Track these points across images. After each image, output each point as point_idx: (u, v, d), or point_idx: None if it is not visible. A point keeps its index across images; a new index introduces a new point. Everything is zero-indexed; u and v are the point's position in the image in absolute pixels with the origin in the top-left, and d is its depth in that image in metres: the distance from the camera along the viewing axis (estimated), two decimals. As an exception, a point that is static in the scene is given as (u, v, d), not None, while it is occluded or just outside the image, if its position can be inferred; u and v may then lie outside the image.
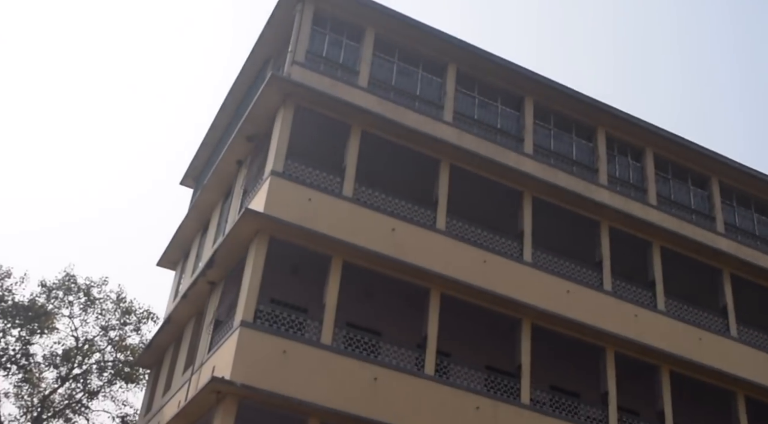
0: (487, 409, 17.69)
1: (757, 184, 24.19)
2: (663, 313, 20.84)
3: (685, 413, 21.20)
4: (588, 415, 19.25)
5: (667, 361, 20.27)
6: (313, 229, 17.43)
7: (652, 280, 21.26)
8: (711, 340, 21.09)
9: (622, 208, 21.37)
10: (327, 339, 16.82)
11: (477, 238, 19.54)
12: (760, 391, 21.06)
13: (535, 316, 19.17)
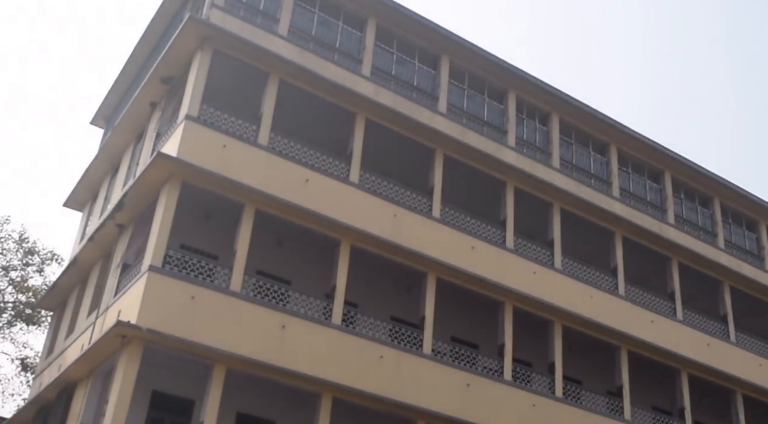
0: (390, 358, 17.73)
1: (651, 152, 24.83)
2: (559, 271, 21.29)
3: (574, 365, 21.91)
4: (485, 365, 19.59)
5: (560, 316, 20.78)
6: (226, 176, 16.84)
7: (551, 239, 21.65)
8: (601, 298, 21.72)
9: (527, 170, 21.56)
10: (236, 286, 16.41)
11: (388, 192, 19.36)
12: (642, 346, 21.91)
13: (440, 270, 19.24)
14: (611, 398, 21.25)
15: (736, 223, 26.60)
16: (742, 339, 24.49)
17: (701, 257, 24.22)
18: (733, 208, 26.51)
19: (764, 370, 24.26)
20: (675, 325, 22.95)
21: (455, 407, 18.10)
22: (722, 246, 25.32)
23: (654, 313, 22.63)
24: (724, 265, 24.66)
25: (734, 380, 23.46)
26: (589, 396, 20.95)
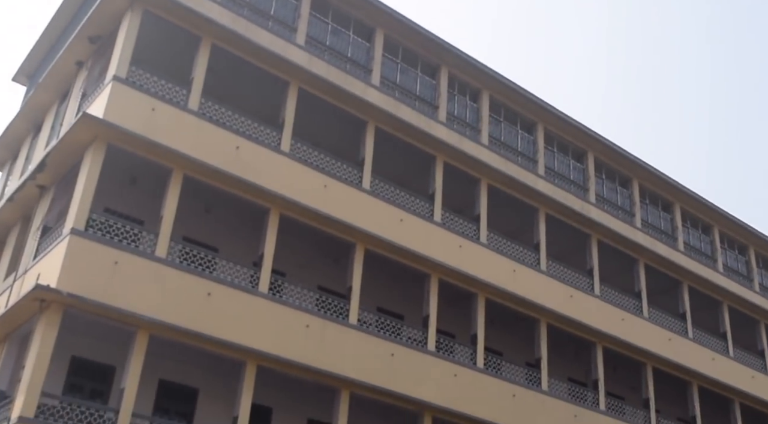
0: (316, 327, 17.55)
1: (575, 133, 25.13)
2: (484, 245, 21.43)
3: (496, 337, 22.19)
4: (410, 336, 19.62)
5: (483, 289, 20.96)
6: (154, 139, 16.24)
7: (477, 214, 21.75)
8: (524, 272, 21.98)
9: (457, 146, 21.54)
10: (162, 252, 15.91)
11: (319, 162, 19.05)
12: (560, 320, 22.32)
13: (369, 241, 19.11)
14: (530, 369, 21.61)
15: (652, 203, 27.27)
16: (654, 315, 25.21)
17: (619, 235, 24.76)
18: (650, 190, 27.14)
19: (673, 344, 25.05)
20: (592, 300, 23.44)
21: (379, 377, 18.08)
22: (639, 225, 25.92)
23: (573, 288, 23.06)
24: (640, 243, 25.28)
25: (645, 354, 24.16)
26: (509, 367, 21.26)
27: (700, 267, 27.06)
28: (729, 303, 27.90)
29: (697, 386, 25.58)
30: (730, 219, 28.99)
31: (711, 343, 26.60)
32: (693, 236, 28.10)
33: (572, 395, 22.34)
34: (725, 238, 29.29)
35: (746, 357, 27.65)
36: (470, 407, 19.43)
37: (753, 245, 29.98)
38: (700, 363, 25.57)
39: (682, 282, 26.66)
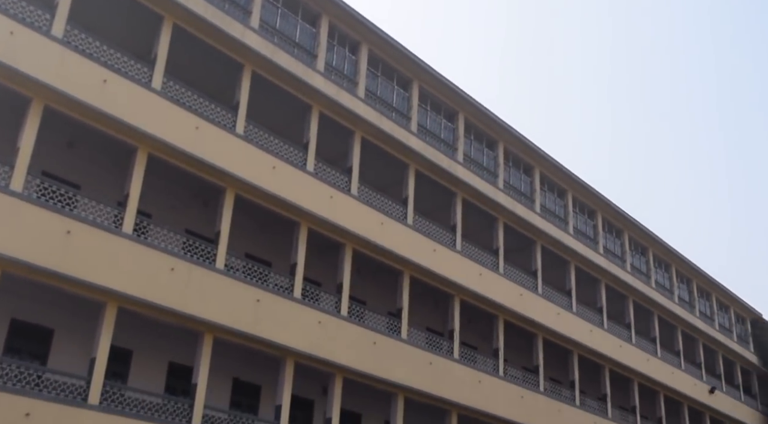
0: (182, 271, 16.89)
1: (448, 93, 25.26)
2: (355, 197, 21.30)
3: (361, 287, 22.30)
4: (277, 283, 19.31)
5: (351, 240, 20.90)
6: (12, 65, 14.84)
7: (349, 166, 21.55)
8: (391, 225, 22.08)
9: (333, 97, 21.13)
10: (17, 186, 14.70)
11: (192, 103, 18.13)
12: (423, 272, 22.69)
13: (239, 186, 18.51)
14: (391, 318, 21.88)
15: (515, 167, 28.04)
16: (509, 271, 26.12)
17: (482, 194, 25.32)
18: (514, 153, 27.86)
19: (524, 299, 26.09)
20: (454, 255, 23.93)
21: (244, 322, 17.72)
22: (501, 186, 26.60)
23: (437, 243, 23.42)
24: (501, 203, 25.98)
25: (498, 307, 25.05)
26: (372, 316, 21.42)
27: (553, 228, 28.20)
28: (576, 263, 29.33)
29: (542, 338, 26.87)
30: (583, 185, 30.31)
31: (557, 299, 27.92)
32: (549, 199, 29.20)
33: (429, 343, 22.86)
34: (577, 202, 30.62)
35: (587, 313, 29.26)
36: (332, 353, 19.46)
37: (601, 210, 31.54)
38: (546, 317, 26.82)
39: (536, 241, 27.73)
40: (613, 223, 32.32)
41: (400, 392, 21.26)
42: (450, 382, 22.61)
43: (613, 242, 32.22)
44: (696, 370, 35.04)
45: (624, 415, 30.19)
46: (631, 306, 31.84)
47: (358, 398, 21.74)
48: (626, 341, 30.71)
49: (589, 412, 28.01)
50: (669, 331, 34.20)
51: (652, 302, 32.74)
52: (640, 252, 33.93)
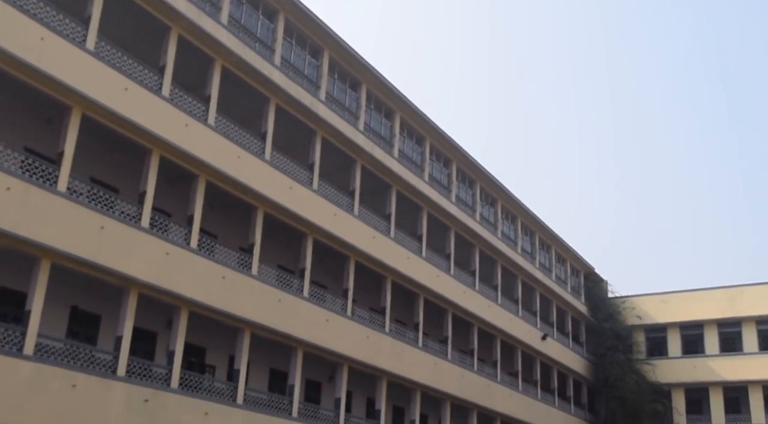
0: (18, 191, 15.97)
1: (315, 29, 25.03)
2: (212, 127, 20.85)
3: (213, 220, 22.05)
4: (124, 211, 18.69)
5: (205, 171, 20.53)
6: None
7: (208, 95, 21.02)
8: (248, 159, 21.84)
9: (195, 20, 20.36)
10: None
11: (38, 11, 16.90)
12: (278, 209, 22.73)
13: (87, 106, 17.61)
14: (243, 254, 21.81)
15: (377, 110, 28.36)
16: (364, 213, 26.63)
17: (342, 135, 25.50)
18: (376, 96, 28.14)
19: (376, 241, 26.75)
20: (310, 194, 24.08)
21: (86, 249, 17.09)
22: (362, 128, 26.88)
23: (293, 180, 23.45)
24: (360, 145, 26.29)
25: (351, 248, 25.57)
26: (222, 250, 21.26)
27: (409, 174, 28.92)
28: (429, 210, 30.33)
29: (391, 280, 27.77)
30: (440, 133, 31.17)
31: (408, 244, 28.85)
32: (407, 145, 29.85)
33: (280, 281, 23.04)
34: (434, 150, 31.49)
35: (435, 258, 30.47)
36: (179, 285, 19.22)
37: (456, 160, 32.63)
38: (396, 260, 27.68)
39: (392, 186, 28.37)
40: (466, 173, 33.56)
41: (247, 327, 21.38)
42: (298, 319, 22.98)
43: (465, 191, 33.51)
44: (532, 317, 37.49)
45: (463, 357, 31.94)
46: (478, 254, 33.44)
47: (203, 332, 21.68)
48: (470, 287, 32.32)
49: (431, 353, 29.40)
50: (510, 280, 36.28)
51: (497, 251, 34.53)
52: (490, 203, 35.53)
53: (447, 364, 30.19)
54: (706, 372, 41.48)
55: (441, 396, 29.87)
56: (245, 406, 21.00)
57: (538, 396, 36.86)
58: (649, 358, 43.14)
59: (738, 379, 40.50)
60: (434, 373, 29.13)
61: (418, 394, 28.44)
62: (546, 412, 36.94)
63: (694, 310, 42.61)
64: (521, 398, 35.06)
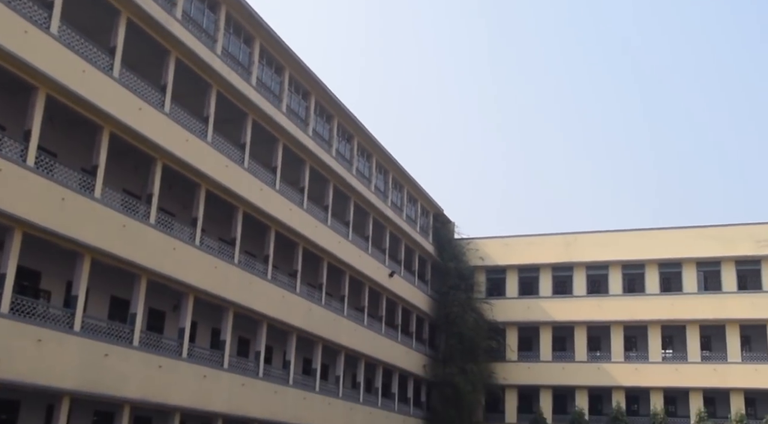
0: None
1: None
2: (54, 37, 19.43)
3: (53, 137, 20.87)
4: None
5: (46, 83, 19.20)
6: None
7: (51, 0, 19.49)
8: (94, 75, 20.62)
9: None
10: None
11: None
12: (125, 130, 21.78)
13: None
14: (85, 175, 20.77)
15: (236, 34, 27.46)
16: (217, 141, 26.01)
17: (198, 57, 24.58)
18: (236, 19, 27.22)
19: (229, 171, 26.27)
20: (160, 116, 23.17)
21: None
22: (219, 52, 25.99)
23: (144, 101, 22.45)
24: (216, 70, 25.47)
25: (202, 176, 24.98)
26: (63, 170, 20.15)
27: (266, 104, 28.43)
28: (285, 142, 30.05)
29: (243, 211, 27.46)
30: (301, 65, 30.75)
31: (262, 175, 28.55)
32: (266, 74, 29.24)
33: (125, 206, 22.21)
34: (293, 82, 31.07)
35: (289, 191, 30.37)
36: (12, 205, 18.09)
37: (315, 93, 32.37)
38: (249, 191, 27.37)
39: (248, 115, 27.81)
40: (325, 107, 33.43)
41: (87, 252, 20.53)
42: (143, 247, 22.33)
43: (322, 126, 33.42)
44: (380, 255, 38.44)
45: (311, 291, 32.35)
46: (331, 190, 33.65)
47: (39, 256, 20.63)
48: (322, 222, 32.57)
49: (279, 286, 29.54)
50: (362, 217, 36.88)
51: (350, 187, 34.90)
52: (346, 139, 35.69)
53: (295, 297, 30.48)
54: (538, 312, 44.43)
55: (287, 328, 30.22)
56: (83, 333, 20.31)
57: (383, 331, 38.11)
58: (488, 297, 45.56)
59: (566, 319, 43.69)
60: (282, 305, 29.35)
61: (264, 326, 28.60)
62: (389, 346, 38.33)
63: (532, 254, 45.26)
64: (366, 333, 36.12)
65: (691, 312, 41.46)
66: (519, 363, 44.21)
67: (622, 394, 41.82)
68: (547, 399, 43.18)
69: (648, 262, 42.96)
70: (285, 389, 29.56)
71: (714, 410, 40.64)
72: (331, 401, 32.76)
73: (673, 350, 42.97)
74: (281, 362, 31.68)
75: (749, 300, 40.81)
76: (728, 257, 41.57)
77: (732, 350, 40.63)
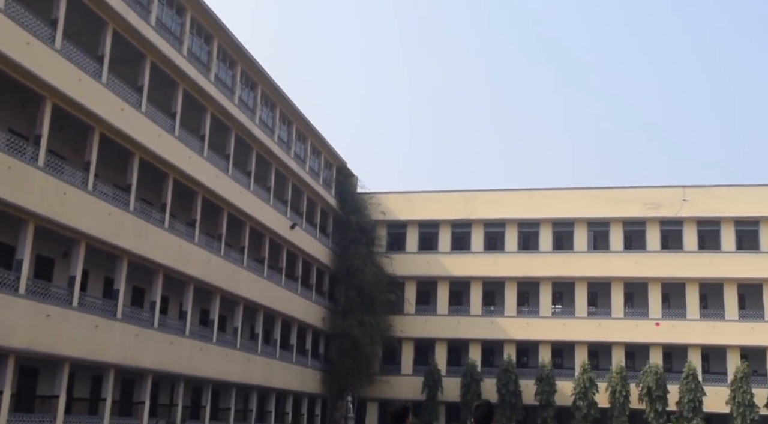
0: None
1: None
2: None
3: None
4: None
5: None
6: None
7: None
8: None
9: None
10: None
11: None
12: (9, 65, 20.36)
13: None
14: (-35, 111, 19.39)
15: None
16: (113, 83, 24.75)
17: (94, -7, 23.20)
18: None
19: (125, 114, 25.12)
20: (51, 53, 21.78)
21: None
22: (116, -12, 24.56)
23: (33, 36, 21.02)
24: (112, 6, 24.08)
25: (95, 118, 23.79)
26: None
27: (166, 46, 27.21)
28: (185, 87, 28.95)
29: (139, 157, 26.39)
30: (203, 6, 29.55)
31: (161, 120, 27.46)
32: (166, 14, 27.93)
33: (10, 146, 20.87)
34: (195, 24, 29.85)
35: (189, 138, 29.39)
36: None
37: (218, 37, 31.27)
38: (146, 136, 26.29)
39: (146, 56, 26.57)
40: (228, 53, 32.37)
41: (-32, 194, 19.27)
42: (30, 190, 21.14)
43: (225, 72, 32.39)
44: (282, 206, 37.98)
45: (210, 241, 31.65)
46: (233, 139, 32.81)
47: None
48: (223, 171, 31.78)
49: (177, 235, 28.73)
50: (264, 167, 36.22)
51: (253, 136, 34.13)
52: (250, 87, 34.77)
53: (193, 247, 29.76)
54: (436, 267, 45.20)
55: (185, 279, 29.53)
56: (-37, 280, 19.15)
57: (282, 283, 37.88)
58: (389, 252, 45.96)
59: (463, 275, 44.65)
60: (179, 255, 28.60)
61: (160, 275, 27.82)
62: (289, 298, 38.17)
63: (432, 210, 45.83)
64: (265, 284, 35.79)
65: (580, 270, 43.15)
66: (416, 316, 45.00)
67: (513, 347, 43.30)
68: (442, 352, 44.24)
69: (542, 221, 44.29)
70: (181, 339, 29.00)
71: (597, 363, 42.68)
72: (229, 353, 32.43)
73: (562, 306, 44.70)
74: (178, 312, 31.03)
75: (633, 259, 42.80)
76: (617, 218, 43.34)
77: (616, 306, 42.64)
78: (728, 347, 40.87)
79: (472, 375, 41.73)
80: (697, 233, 42.65)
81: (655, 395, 38.84)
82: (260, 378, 35.10)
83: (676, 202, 42.71)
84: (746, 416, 37.82)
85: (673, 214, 42.65)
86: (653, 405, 38.87)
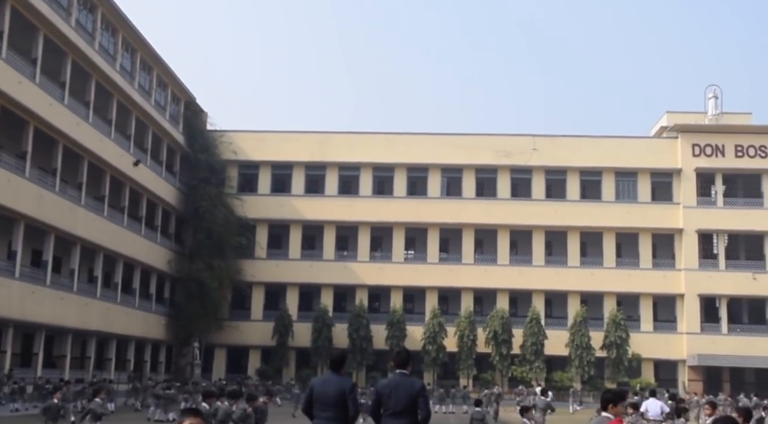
0: None
1: None
2: None
3: None
4: None
5: None
6: None
7: None
8: None
9: None
10: None
11: None
12: None
13: None
14: None
15: None
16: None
17: None
18: None
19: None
20: None
21: None
22: None
23: None
24: None
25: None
26: None
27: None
28: (13, 3, 26.54)
29: None
30: None
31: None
32: None
33: None
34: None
35: (18, 62, 27.15)
36: None
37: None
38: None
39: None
40: (65, -31, 29.93)
41: None
42: None
43: (61, -10, 29.97)
44: (125, 141, 36.08)
45: (43, 176, 29.60)
46: (69, 65, 30.58)
47: None
48: (58, 100, 29.67)
49: (4, 169, 26.62)
50: (105, 98, 34.13)
51: (92, 64, 31.97)
52: (89, 9, 32.43)
53: (23, 181, 27.72)
54: (289, 210, 44.82)
55: (14, 215, 27.53)
56: None
57: (125, 223, 36.25)
58: (240, 193, 45.01)
59: (317, 218, 44.56)
60: (7, 190, 26.55)
61: (-16, 212, 25.76)
62: (131, 239, 36.61)
63: (286, 151, 45.15)
64: (106, 224, 34.11)
65: (433, 215, 44.20)
66: (267, 260, 44.60)
67: (365, 292, 43.96)
68: (294, 296, 44.25)
69: (397, 165, 44.80)
70: (10, 282, 27.15)
71: (447, 308, 44.21)
72: (64, 296, 30.75)
73: (415, 251, 45.73)
74: (6, 252, 28.94)
75: (485, 206, 44.34)
76: (470, 164, 44.56)
77: (466, 252, 44.18)
78: (569, 293, 43.52)
79: (323, 320, 42.06)
80: (545, 181, 44.70)
81: (501, 338, 40.83)
82: (99, 323, 33.64)
83: (526, 151, 44.44)
84: (584, 357, 40.62)
85: (523, 162, 44.38)
86: (499, 349, 40.88)
